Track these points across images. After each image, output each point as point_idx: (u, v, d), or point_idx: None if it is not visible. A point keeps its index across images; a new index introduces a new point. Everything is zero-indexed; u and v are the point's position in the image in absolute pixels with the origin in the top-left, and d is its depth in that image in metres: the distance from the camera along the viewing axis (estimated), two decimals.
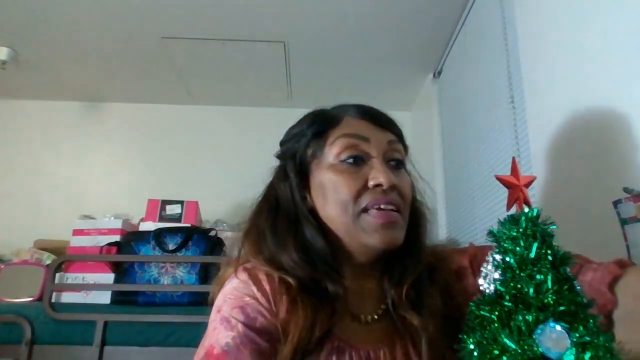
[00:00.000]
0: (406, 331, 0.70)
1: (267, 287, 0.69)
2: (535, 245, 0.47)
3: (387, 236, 0.68)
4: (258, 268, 0.72)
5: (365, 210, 0.68)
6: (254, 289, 0.69)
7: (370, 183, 0.69)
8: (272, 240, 0.73)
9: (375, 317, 0.73)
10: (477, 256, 0.75)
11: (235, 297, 0.68)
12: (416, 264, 0.72)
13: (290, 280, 0.69)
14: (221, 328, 0.65)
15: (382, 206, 0.68)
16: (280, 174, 0.78)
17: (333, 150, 0.72)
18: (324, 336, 0.66)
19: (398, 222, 0.69)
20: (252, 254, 0.75)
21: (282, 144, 0.81)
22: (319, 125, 0.75)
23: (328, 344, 0.67)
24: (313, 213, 0.74)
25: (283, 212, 0.75)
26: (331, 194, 0.70)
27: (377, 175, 0.68)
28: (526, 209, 0.50)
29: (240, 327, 0.64)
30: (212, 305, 0.73)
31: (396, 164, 0.73)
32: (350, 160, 0.70)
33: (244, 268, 0.73)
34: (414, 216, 0.76)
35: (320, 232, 0.72)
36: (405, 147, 0.78)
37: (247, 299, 0.68)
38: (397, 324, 0.70)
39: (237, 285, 0.70)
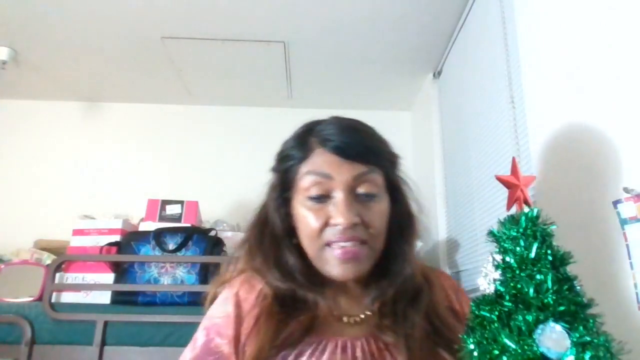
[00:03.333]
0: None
1: (243, 305, 0.75)
2: (535, 245, 0.47)
3: (347, 270, 0.72)
4: (247, 280, 0.78)
5: (328, 244, 0.72)
6: (229, 308, 0.75)
7: (331, 222, 0.71)
8: (259, 254, 0.78)
9: (359, 319, 0.76)
10: None
11: (209, 317, 0.77)
12: (393, 283, 0.75)
13: (269, 292, 0.75)
14: (190, 346, 0.74)
15: (342, 244, 0.71)
16: (271, 189, 0.81)
17: (302, 185, 0.74)
18: (290, 343, 0.69)
19: (359, 256, 0.72)
20: (246, 263, 0.80)
21: (276, 157, 0.82)
22: (296, 154, 0.76)
23: (308, 339, 0.70)
24: (295, 231, 0.78)
25: (270, 228, 0.79)
26: (302, 226, 0.75)
27: (337, 215, 0.70)
28: (526, 209, 0.50)
29: (198, 349, 0.72)
30: (203, 304, 0.80)
31: (366, 196, 0.73)
32: (314, 198, 0.72)
33: (232, 283, 0.79)
34: (400, 232, 0.78)
35: (296, 251, 0.77)
36: (388, 167, 0.78)
37: (217, 320, 0.75)
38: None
39: (218, 302, 0.78)
